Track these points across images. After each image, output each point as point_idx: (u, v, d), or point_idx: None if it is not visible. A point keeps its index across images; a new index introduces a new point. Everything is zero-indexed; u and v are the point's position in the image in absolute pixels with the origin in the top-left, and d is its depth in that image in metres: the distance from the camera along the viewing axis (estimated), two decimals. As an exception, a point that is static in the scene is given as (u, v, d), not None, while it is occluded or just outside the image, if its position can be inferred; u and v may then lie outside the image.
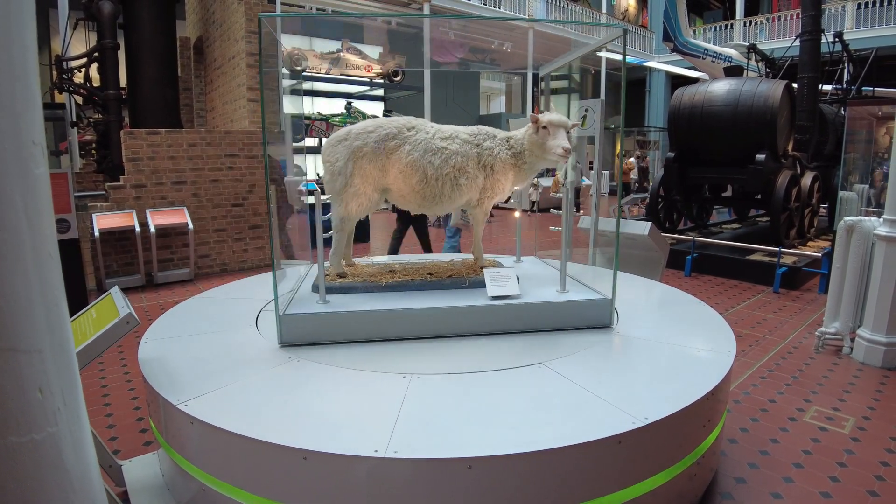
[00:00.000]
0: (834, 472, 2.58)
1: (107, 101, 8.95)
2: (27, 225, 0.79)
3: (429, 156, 2.78)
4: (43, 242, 0.83)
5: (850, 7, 16.66)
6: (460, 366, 2.24)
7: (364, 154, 2.78)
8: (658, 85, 21.53)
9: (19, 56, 0.76)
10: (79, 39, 9.94)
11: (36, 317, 0.80)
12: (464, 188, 2.85)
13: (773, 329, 4.75)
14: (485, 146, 2.87)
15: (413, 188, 2.83)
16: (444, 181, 2.81)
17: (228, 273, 6.94)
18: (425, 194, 2.85)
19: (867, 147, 6.66)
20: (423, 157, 2.77)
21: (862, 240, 3.96)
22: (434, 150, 2.80)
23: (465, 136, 2.88)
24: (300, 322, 2.45)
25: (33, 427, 0.79)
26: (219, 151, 6.92)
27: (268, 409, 1.89)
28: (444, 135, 2.87)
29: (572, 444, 1.66)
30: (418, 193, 2.85)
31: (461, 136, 2.87)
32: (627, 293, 3.31)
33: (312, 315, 2.46)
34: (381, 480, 1.62)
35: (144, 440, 2.88)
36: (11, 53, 0.74)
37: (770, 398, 3.38)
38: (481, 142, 2.88)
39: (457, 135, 2.87)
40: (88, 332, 2.15)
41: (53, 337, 0.84)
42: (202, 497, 1.90)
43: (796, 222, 7.79)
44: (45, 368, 0.82)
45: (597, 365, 2.27)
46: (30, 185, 0.80)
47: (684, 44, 15.06)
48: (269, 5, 8.16)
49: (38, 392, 0.80)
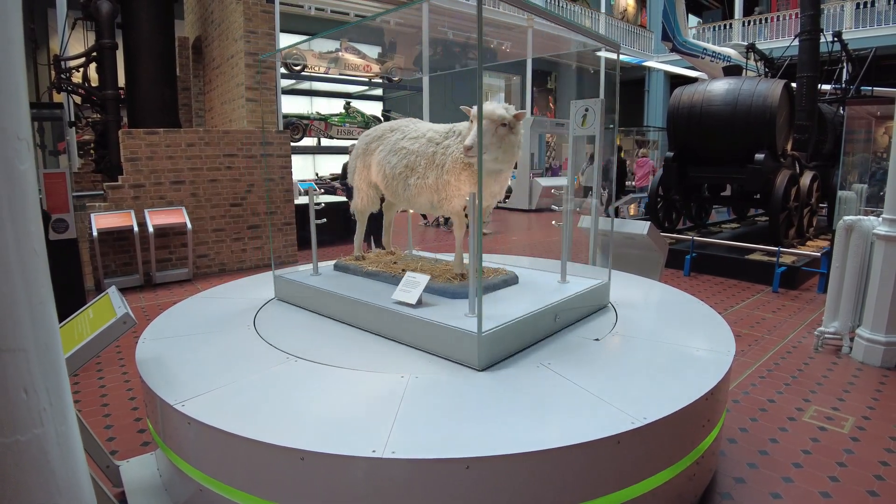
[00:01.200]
0: (833, 472, 2.58)
1: (105, 100, 8.93)
2: (10, 221, 0.78)
3: (390, 156, 2.95)
4: (27, 239, 0.82)
5: (848, 7, 16.68)
6: (458, 366, 2.23)
7: (359, 154, 3.23)
8: (657, 84, 21.53)
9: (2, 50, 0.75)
10: (77, 39, 9.93)
11: (20, 315, 0.79)
12: (413, 187, 2.84)
13: (772, 329, 4.75)
14: (442, 145, 2.74)
15: (383, 186, 3.08)
16: (399, 180, 2.92)
17: (227, 273, 6.93)
18: (390, 192, 3.06)
19: (866, 146, 6.66)
20: (385, 157, 2.98)
21: (861, 239, 3.96)
22: (395, 151, 2.91)
23: (434, 134, 2.81)
24: (284, 284, 3.19)
25: (18, 428, 0.78)
26: (217, 151, 6.91)
27: (265, 409, 1.88)
28: (414, 135, 2.88)
29: (571, 444, 1.66)
30: (386, 190, 3.09)
31: (429, 136, 2.82)
32: (626, 293, 3.31)
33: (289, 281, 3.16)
34: (378, 481, 1.61)
35: (142, 440, 2.87)
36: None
37: (769, 398, 3.38)
38: (442, 140, 2.76)
39: (425, 134, 2.84)
40: (85, 332, 2.14)
41: (38, 336, 0.83)
42: (199, 497, 1.90)
43: (795, 222, 7.79)
44: (29, 368, 0.81)
45: (595, 365, 2.26)
46: (14, 181, 0.79)
47: (683, 43, 15.06)
48: (268, 5, 8.14)
49: (22, 392, 0.79)
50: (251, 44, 7.97)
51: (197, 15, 10.35)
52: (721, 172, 8.00)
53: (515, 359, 2.29)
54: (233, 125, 8.67)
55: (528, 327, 2.41)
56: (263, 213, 7.33)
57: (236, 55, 8.33)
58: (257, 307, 3.04)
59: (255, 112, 8.25)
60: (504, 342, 2.28)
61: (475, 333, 2.13)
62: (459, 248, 2.95)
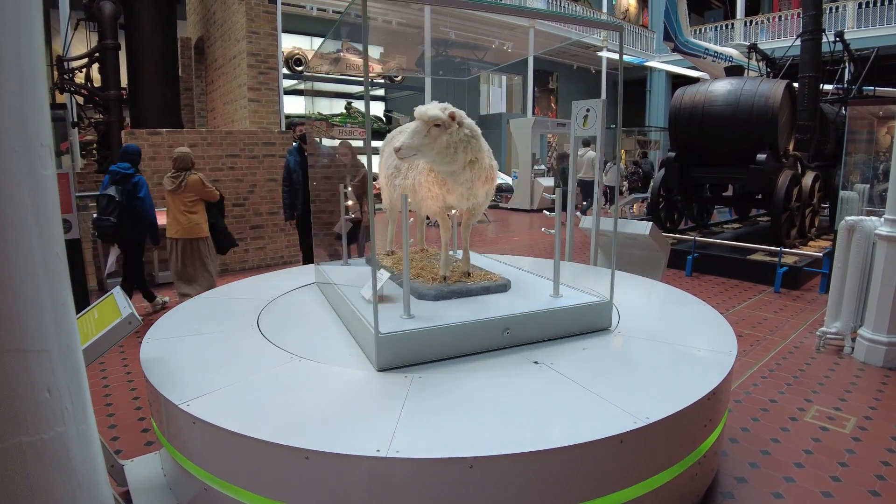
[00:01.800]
0: (835, 472, 2.58)
1: (108, 101, 8.96)
2: (35, 226, 0.79)
3: (388, 158, 3.14)
4: (51, 243, 0.83)
5: (850, 7, 16.65)
6: (461, 366, 2.24)
7: (381, 155, 3.45)
8: (659, 85, 21.51)
9: (27, 59, 0.76)
10: (80, 40, 9.95)
11: (44, 317, 0.81)
12: (398, 188, 2.94)
13: (773, 329, 4.75)
14: None
15: (383, 186, 3.31)
16: (390, 181, 3.12)
17: (230, 273, 6.94)
18: (386, 192, 3.25)
19: (868, 147, 6.65)
20: (385, 159, 3.19)
21: (863, 239, 3.96)
22: (391, 153, 2.96)
23: None
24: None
25: (42, 427, 0.79)
26: (220, 152, 6.93)
27: (270, 408, 1.89)
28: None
29: (574, 443, 1.66)
30: (383, 192, 3.30)
31: None
32: (628, 293, 3.31)
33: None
34: (382, 480, 1.62)
35: (146, 440, 2.88)
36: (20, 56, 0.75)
37: (771, 398, 3.38)
38: None
39: None
40: (90, 332, 2.15)
41: (61, 337, 0.84)
42: (204, 497, 1.91)
43: (797, 222, 7.78)
44: (52, 368, 0.82)
45: (598, 365, 2.27)
46: (38, 186, 0.81)
47: (685, 43, 15.04)
48: (270, 6, 8.16)
49: (46, 392, 0.80)
50: (253, 44, 7.99)
51: (199, 15, 10.37)
52: (723, 173, 8.00)
53: (516, 359, 2.30)
54: (235, 125, 8.68)
55: (449, 337, 2.30)
56: (265, 213, 7.35)
57: (238, 56, 8.35)
58: (260, 307, 3.05)
59: (258, 113, 8.26)
60: (408, 347, 2.22)
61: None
62: (444, 250, 2.93)
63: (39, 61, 0.81)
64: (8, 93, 0.73)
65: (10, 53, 0.73)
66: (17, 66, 0.74)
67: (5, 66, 0.72)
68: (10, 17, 0.72)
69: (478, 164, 2.58)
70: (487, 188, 2.73)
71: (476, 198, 2.73)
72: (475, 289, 2.81)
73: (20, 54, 0.75)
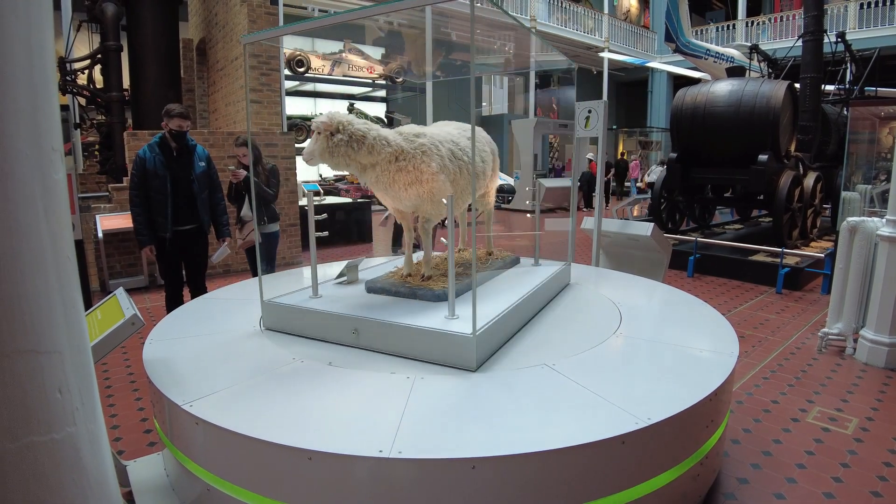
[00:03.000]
0: (837, 473, 2.58)
1: (110, 102, 8.98)
2: (47, 229, 0.80)
3: None
4: (62, 246, 0.84)
5: (852, 7, 16.64)
6: (464, 366, 2.24)
7: None
8: (660, 85, 21.50)
9: (39, 65, 0.77)
10: (82, 41, 9.98)
11: (56, 319, 0.81)
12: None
13: (775, 330, 4.75)
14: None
15: None
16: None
17: (232, 274, 6.95)
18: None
19: (870, 147, 6.64)
20: None
21: (865, 240, 3.97)
22: None
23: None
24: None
25: (53, 426, 0.80)
26: (221, 153, 6.94)
27: (273, 409, 1.90)
28: None
29: (576, 444, 1.67)
30: None
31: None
32: (630, 294, 3.32)
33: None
34: (385, 480, 1.63)
35: (149, 441, 2.89)
36: (31, 63, 0.76)
37: (773, 399, 3.38)
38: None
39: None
40: (94, 333, 2.16)
41: (72, 338, 0.85)
42: (207, 497, 1.91)
43: (799, 223, 7.78)
44: (64, 369, 0.83)
45: (600, 365, 2.27)
46: (49, 190, 0.81)
47: (686, 44, 15.04)
48: (272, 7, 8.18)
49: (57, 392, 0.81)
50: (254, 44, 8.01)
51: (201, 17, 10.40)
52: (724, 173, 7.99)
53: (518, 359, 2.31)
54: (237, 127, 8.70)
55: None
56: (267, 214, 7.35)
57: (240, 57, 8.37)
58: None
59: (260, 114, 8.28)
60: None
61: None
62: (427, 251, 2.95)
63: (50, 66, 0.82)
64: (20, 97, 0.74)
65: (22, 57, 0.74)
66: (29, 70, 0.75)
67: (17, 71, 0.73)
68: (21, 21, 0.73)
69: (379, 168, 2.57)
70: (419, 190, 2.63)
71: (401, 201, 2.71)
72: (403, 291, 2.79)
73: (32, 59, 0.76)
